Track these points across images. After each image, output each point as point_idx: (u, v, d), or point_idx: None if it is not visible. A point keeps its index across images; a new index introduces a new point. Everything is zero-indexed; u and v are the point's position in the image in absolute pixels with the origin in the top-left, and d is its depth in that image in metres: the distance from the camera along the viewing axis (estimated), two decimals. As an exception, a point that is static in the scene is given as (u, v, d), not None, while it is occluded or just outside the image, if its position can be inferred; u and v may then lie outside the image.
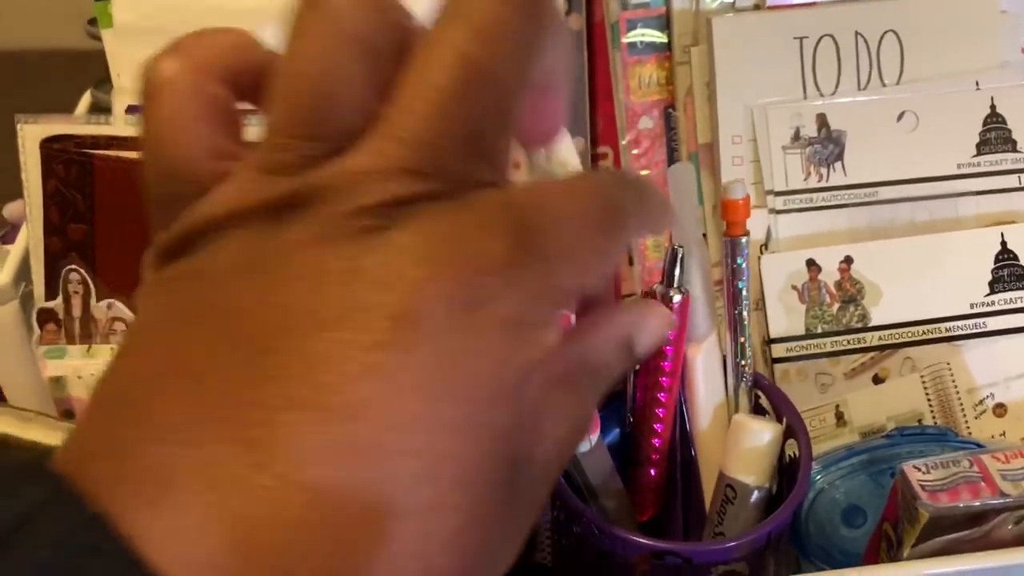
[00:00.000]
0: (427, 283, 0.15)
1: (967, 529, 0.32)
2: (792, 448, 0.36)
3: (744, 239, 0.35)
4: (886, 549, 0.35)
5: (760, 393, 0.38)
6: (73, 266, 0.40)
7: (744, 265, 0.35)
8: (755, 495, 0.35)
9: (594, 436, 0.35)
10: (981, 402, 0.43)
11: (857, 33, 0.45)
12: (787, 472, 0.36)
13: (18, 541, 0.13)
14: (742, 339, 0.36)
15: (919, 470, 0.32)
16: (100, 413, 0.15)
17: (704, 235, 0.46)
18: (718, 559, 0.32)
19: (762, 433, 0.35)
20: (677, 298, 0.27)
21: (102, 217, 0.39)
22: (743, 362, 0.36)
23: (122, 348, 0.16)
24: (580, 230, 0.16)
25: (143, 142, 0.18)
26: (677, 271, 0.25)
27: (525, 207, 0.16)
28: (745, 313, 0.36)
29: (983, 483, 0.32)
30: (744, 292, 0.36)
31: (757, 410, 0.38)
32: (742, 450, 0.35)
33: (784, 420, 0.36)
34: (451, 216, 0.15)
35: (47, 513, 0.13)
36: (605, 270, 0.18)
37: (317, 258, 0.15)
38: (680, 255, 0.24)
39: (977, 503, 0.31)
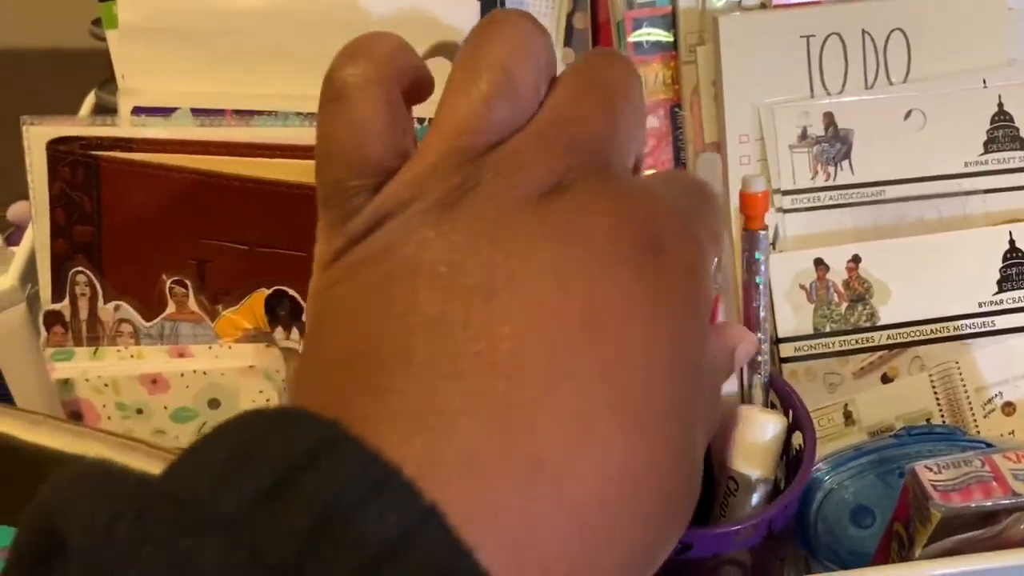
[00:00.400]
0: (619, 229, 0.17)
1: (979, 529, 0.32)
2: (799, 440, 0.36)
3: (762, 233, 0.35)
4: (897, 549, 0.35)
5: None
6: (80, 268, 0.40)
7: (762, 259, 0.35)
8: (758, 488, 0.35)
9: None
10: (990, 401, 0.43)
11: (864, 31, 0.45)
12: (793, 465, 0.36)
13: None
14: (759, 335, 0.36)
15: (930, 470, 0.32)
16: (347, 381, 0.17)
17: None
18: (718, 546, 0.32)
19: (766, 425, 0.34)
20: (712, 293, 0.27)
21: (108, 219, 0.39)
22: (760, 358, 0.36)
23: (319, 330, 0.18)
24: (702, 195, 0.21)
25: (328, 139, 0.20)
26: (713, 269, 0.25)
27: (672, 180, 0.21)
28: (762, 308, 0.36)
29: (995, 483, 0.32)
30: (761, 287, 0.35)
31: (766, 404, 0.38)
32: (745, 442, 0.35)
33: (790, 413, 0.36)
34: (615, 181, 0.18)
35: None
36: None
37: (504, 220, 0.17)
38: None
39: (989, 503, 0.31)
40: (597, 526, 0.16)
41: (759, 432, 0.35)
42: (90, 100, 0.54)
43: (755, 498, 0.35)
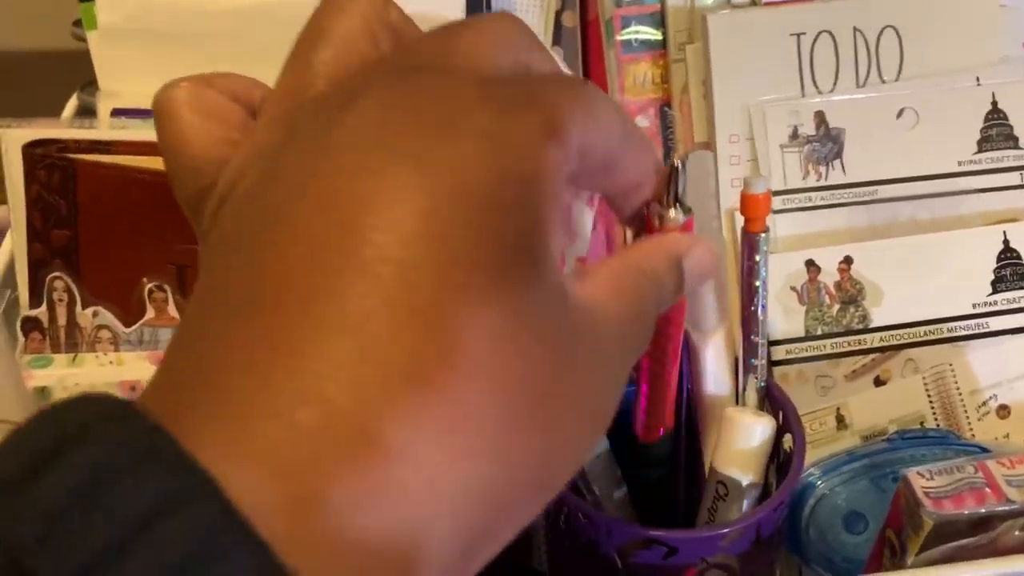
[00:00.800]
0: (388, 127, 0.16)
1: (972, 536, 0.32)
2: (788, 442, 0.36)
3: (763, 235, 0.34)
4: (889, 556, 0.34)
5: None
6: (57, 273, 0.39)
7: (761, 262, 0.34)
8: (748, 493, 0.34)
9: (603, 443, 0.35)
10: (984, 403, 0.43)
11: (855, 29, 0.44)
12: (782, 468, 0.36)
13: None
14: (755, 337, 0.35)
15: (923, 476, 0.32)
16: (179, 358, 0.16)
17: (704, 234, 0.45)
18: (705, 550, 0.32)
19: (754, 428, 0.34)
20: (680, 218, 0.24)
21: (85, 223, 0.39)
22: (755, 362, 0.36)
23: (193, 299, 0.18)
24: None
25: (164, 155, 0.20)
26: (680, 187, 0.22)
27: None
28: (760, 311, 0.35)
29: (988, 489, 0.31)
30: (761, 290, 0.35)
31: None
32: (735, 446, 0.34)
33: (780, 415, 0.36)
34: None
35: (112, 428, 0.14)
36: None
37: (308, 150, 0.17)
38: (680, 168, 0.22)
39: (982, 510, 0.31)
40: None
41: (749, 436, 0.34)
42: (72, 102, 0.53)
43: (745, 503, 0.34)
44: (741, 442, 0.34)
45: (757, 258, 0.34)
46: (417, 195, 0.15)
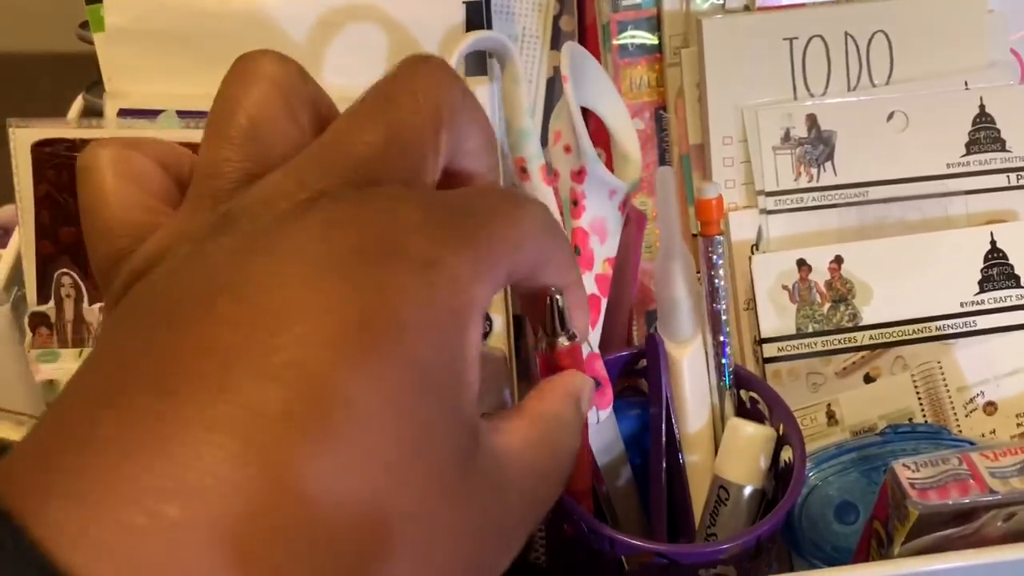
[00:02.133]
0: (340, 238, 0.16)
1: (957, 526, 0.32)
2: (788, 453, 0.36)
3: (719, 238, 0.36)
4: (876, 547, 0.35)
5: (756, 396, 0.38)
6: (65, 269, 0.40)
7: (720, 263, 0.36)
8: (747, 496, 0.35)
9: (604, 411, 0.35)
10: (972, 400, 0.44)
11: (846, 34, 0.45)
12: (782, 477, 0.36)
13: None
14: (722, 337, 0.36)
15: (908, 468, 0.33)
16: (40, 431, 0.15)
17: (695, 235, 0.46)
18: (705, 561, 0.33)
19: (756, 436, 0.35)
20: (566, 343, 0.25)
21: (94, 220, 0.39)
22: (724, 361, 0.37)
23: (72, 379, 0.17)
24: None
25: (82, 215, 0.20)
26: (556, 321, 0.24)
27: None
28: (724, 312, 0.36)
29: (972, 480, 0.32)
30: (721, 290, 0.36)
31: (753, 413, 0.38)
32: (736, 452, 0.35)
33: (780, 426, 0.37)
34: (369, 193, 0.18)
35: None
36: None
37: (235, 249, 0.17)
38: (557, 303, 0.23)
39: (966, 500, 0.32)
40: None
41: (749, 443, 0.35)
42: (78, 103, 0.54)
43: (745, 506, 0.35)
44: (743, 450, 0.35)
45: (716, 260, 0.36)
46: (348, 310, 0.15)
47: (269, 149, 0.19)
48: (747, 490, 0.35)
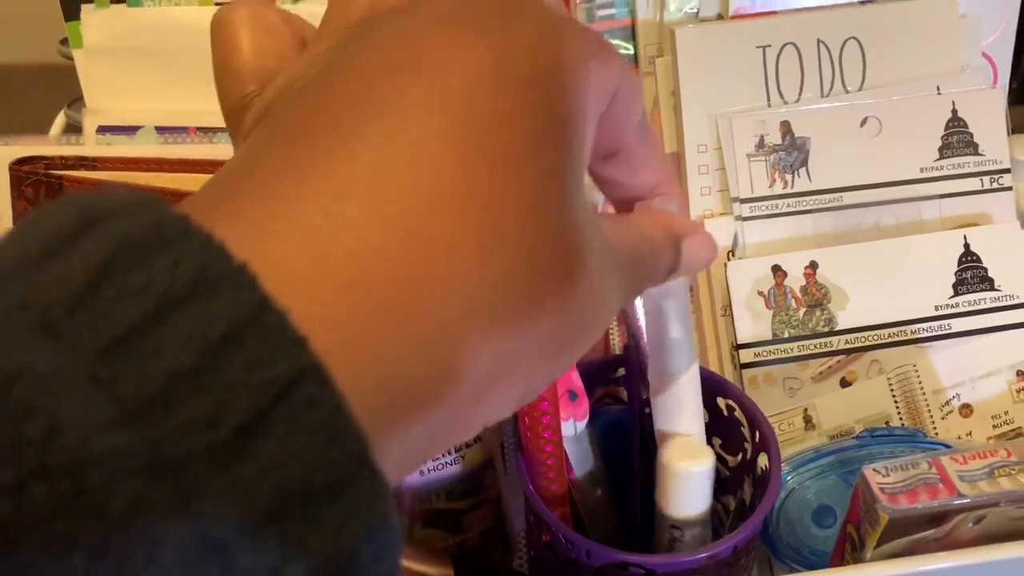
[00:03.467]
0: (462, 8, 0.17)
1: (928, 530, 0.33)
2: (764, 460, 0.37)
3: None
4: (850, 551, 0.35)
5: (732, 404, 0.38)
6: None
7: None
8: (701, 522, 0.34)
9: (581, 423, 0.35)
10: (948, 403, 0.44)
11: (819, 41, 0.45)
12: (759, 484, 0.37)
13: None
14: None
15: (879, 473, 0.33)
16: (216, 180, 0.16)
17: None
18: (682, 570, 0.33)
19: (693, 469, 0.34)
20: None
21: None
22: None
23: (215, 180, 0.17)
24: None
25: (216, 64, 0.21)
26: None
27: None
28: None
29: (941, 484, 0.32)
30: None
31: (730, 421, 0.38)
32: (676, 493, 0.34)
33: (756, 434, 0.37)
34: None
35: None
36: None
37: (377, 44, 0.17)
38: None
39: (935, 504, 0.32)
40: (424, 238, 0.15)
41: (688, 479, 0.34)
42: (60, 119, 0.54)
43: (701, 531, 0.34)
44: (683, 486, 0.34)
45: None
46: (485, 54, 0.16)
47: None
48: (698, 516, 0.34)
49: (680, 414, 0.33)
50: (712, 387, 0.39)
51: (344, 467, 0.13)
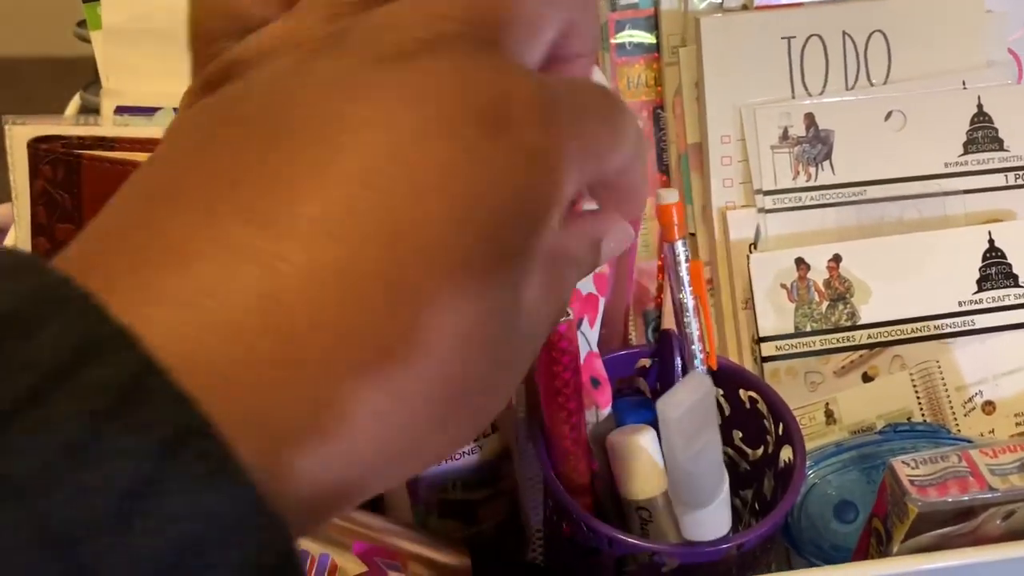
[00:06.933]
0: (465, 95, 0.16)
1: (956, 524, 0.32)
2: (788, 452, 0.36)
3: (680, 243, 0.35)
4: (875, 544, 0.35)
5: (755, 396, 0.38)
6: (61, 266, 0.40)
7: (684, 266, 0.35)
8: (664, 500, 0.34)
9: (604, 410, 0.35)
10: (970, 399, 0.44)
11: (844, 33, 0.45)
12: (781, 477, 0.36)
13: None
14: (692, 346, 0.36)
15: (908, 465, 0.32)
16: (105, 219, 0.16)
17: (693, 234, 0.46)
18: (704, 560, 0.32)
19: (639, 444, 0.33)
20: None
21: (90, 217, 0.39)
22: (696, 358, 0.36)
23: (140, 166, 0.17)
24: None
25: None
26: None
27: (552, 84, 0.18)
28: (691, 319, 0.36)
29: (971, 478, 0.32)
30: (686, 300, 0.36)
31: (752, 413, 0.38)
32: (630, 471, 0.34)
33: (780, 426, 0.36)
34: (485, 54, 0.17)
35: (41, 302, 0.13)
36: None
37: (348, 71, 0.16)
38: None
39: (966, 498, 0.32)
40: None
41: (638, 455, 0.33)
42: (75, 102, 0.54)
43: (668, 511, 0.33)
44: (637, 463, 0.33)
45: (679, 265, 0.35)
46: (454, 177, 0.16)
47: None
48: (660, 498, 0.34)
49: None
50: (734, 378, 0.38)
51: (238, 513, 0.13)
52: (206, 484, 0.12)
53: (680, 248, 0.35)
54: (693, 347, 0.36)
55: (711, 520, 0.30)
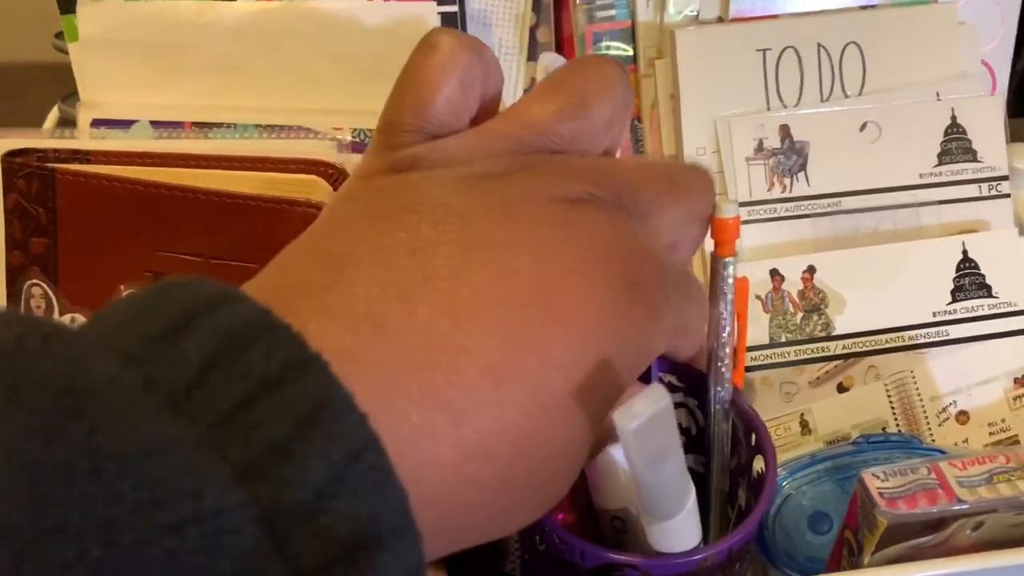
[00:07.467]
0: (611, 254, 0.20)
1: (926, 536, 0.33)
2: (760, 463, 0.36)
3: (731, 259, 0.32)
4: (847, 556, 0.35)
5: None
6: (35, 280, 0.40)
7: (730, 283, 0.33)
8: (634, 511, 0.33)
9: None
10: (944, 409, 0.44)
11: (819, 45, 0.45)
12: (754, 488, 0.36)
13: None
14: (720, 365, 0.35)
15: (877, 477, 0.33)
16: (286, 275, 0.19)
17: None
18: (677, 572, 0.32)
19: (607, 452, 0.32)
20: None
21: (64, 231, 0.39)
22: (719, 389, 0.35)
23: (326, 217, 0.21)
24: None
25: (409, 75, 0.23)
26: None
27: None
28: (726, 337, 0.34)
29: (940, 490, 0.32)
30: (727, 315, 0.34)
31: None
32: (604, 477, 0.33)
33: (752, 436, 0.37)
34: (624, 219, 0.22)
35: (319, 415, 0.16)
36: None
37: (522, 208, 0.20)
38: None
39: (934, 510, 0.32)
40: (475, 474, 0.18)
41: (610, 463, 0.33)
42: (54, 113, 0.54)
43: (638, 521, 0.33)
44: (607, 472, 0.33)
45: (728, 280, 0.34)
46: (603, 343, 0.20)
47: (585, 136, 0.23)
48: (633, 507, 0.34)
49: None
50: (706, 388, 0.38)
51: (393, 521, 0.16)
52: (372, 492, 0.15)
53: (731, 265, 0.33)
54: (720, 364, 0.35)
55: (677, 531, 0.30)
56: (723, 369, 0.36)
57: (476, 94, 0.23)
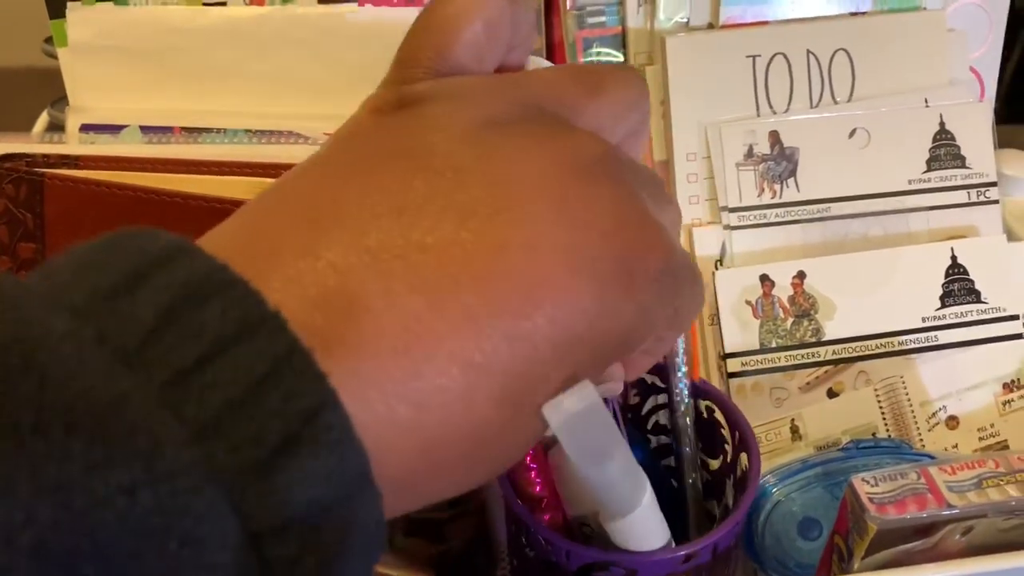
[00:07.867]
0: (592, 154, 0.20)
1: (915, 540, 0.33)
2: (745, 462, 0.36)
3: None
4: (837, 561, 0.35)
5: (712, 405, 0.38)
6: (23, 286, 0.40)
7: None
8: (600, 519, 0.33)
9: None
10: (934, 415, 0.44)
11: (809, 52, 0.45)
12: (739, 486, 0.36)
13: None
14: (676, 358, 0.36)
15: (867, 483, 0.33)
16: (260, 217, 0.19)
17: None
18: (664, 571, 0.32)
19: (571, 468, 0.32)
20: None
21: (53, 236, 0.39)
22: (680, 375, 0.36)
23: (321, 158, 0.20)
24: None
25: (433, 12, 0.22)
26: None
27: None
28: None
29: (930, 495, 0.32)
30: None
31: (710, 423, 0.38)
32: (569, 484, 0.33)
33: (736, 434, 0.37)
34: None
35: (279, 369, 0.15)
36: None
37: (523, 170, 0.19)
38: None
39: (924, 515, 0.32)
40: (438, 460, 0.18)
41: (574, 470, 0.33)
42: (43, 118, 0.53)
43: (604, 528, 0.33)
44: (572, 479, 0.33)
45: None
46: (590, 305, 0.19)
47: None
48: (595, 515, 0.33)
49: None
50: (692, 389, 0.39)
51: (352, 482, 0.15)
52: (329, 451, 0.15)
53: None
54: (677, 359, 0.36)
55: (635, 529, 0.30)
56: (678, 360, 0.36)
57: (502, 43, 0.22)
